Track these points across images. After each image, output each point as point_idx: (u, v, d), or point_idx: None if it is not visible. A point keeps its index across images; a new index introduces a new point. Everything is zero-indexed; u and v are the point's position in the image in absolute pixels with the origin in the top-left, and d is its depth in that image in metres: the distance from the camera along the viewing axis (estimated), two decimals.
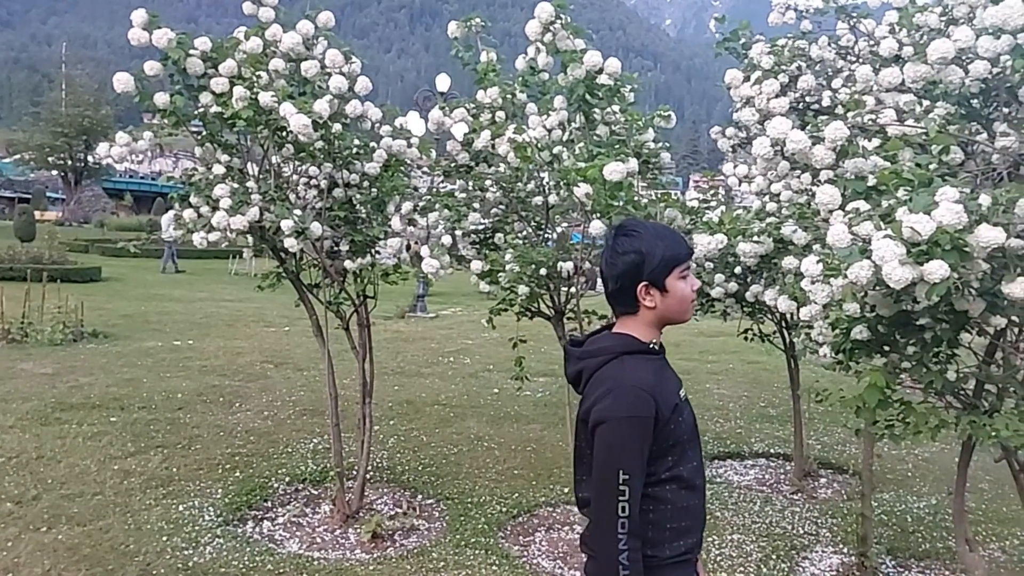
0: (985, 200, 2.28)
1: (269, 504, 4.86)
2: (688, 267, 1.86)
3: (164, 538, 4.24)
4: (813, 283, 2.60)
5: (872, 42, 3.77)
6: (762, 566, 4.26)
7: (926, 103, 3.20)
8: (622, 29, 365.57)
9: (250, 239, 4.11)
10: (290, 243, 3.81)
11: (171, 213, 4.17)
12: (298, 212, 3.86)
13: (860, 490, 4.62)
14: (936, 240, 2.14)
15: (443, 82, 13.33)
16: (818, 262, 2.55)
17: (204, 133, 4.00)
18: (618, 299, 1.86)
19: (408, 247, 4.37)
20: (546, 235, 4.44)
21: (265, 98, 3.58)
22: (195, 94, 3.80)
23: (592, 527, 1.77)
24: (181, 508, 4.65)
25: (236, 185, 3.89)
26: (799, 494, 5.45)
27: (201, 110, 3.82)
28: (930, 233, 2.14)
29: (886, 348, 3.06)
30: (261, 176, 4.06)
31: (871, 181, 2.73)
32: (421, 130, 4.40)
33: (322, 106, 3.61)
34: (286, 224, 3.73)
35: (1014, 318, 2.92)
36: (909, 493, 5.51)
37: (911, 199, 2.32)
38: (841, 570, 4.29)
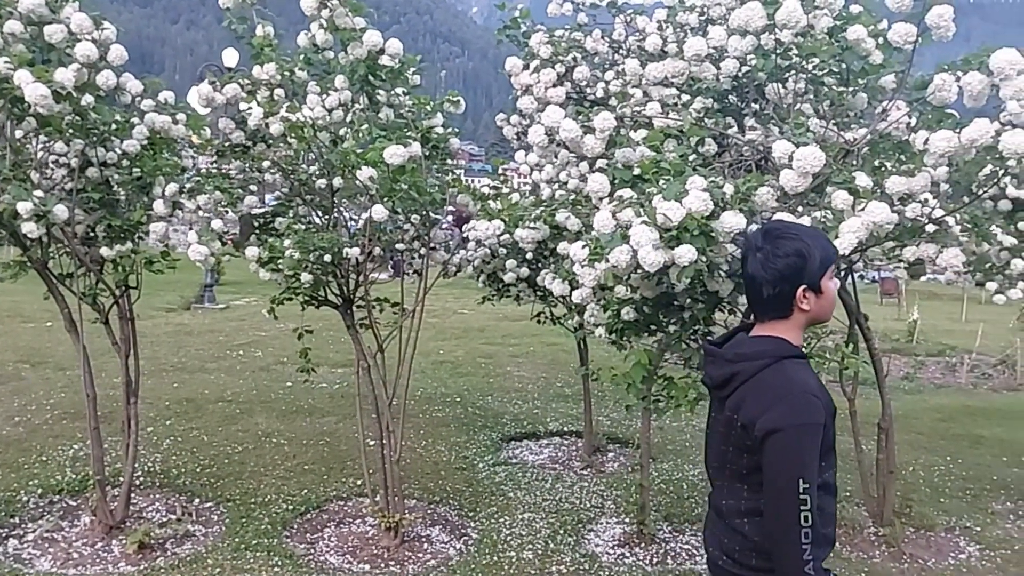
0: (729, 188, 2.45)
1: (17, 520, 4.31)
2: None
3: None
4: (581, 267, 2.68)
5: (641, 37, 3.97)
6: (550, 541, 4.40)
7: (687, 97, 3.41)
8: (429, 14, 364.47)
9: None
10: (29, 228, 3.37)
11: None
12: (39, 193, 3.42)
13: (640, 462, 4.89)
14: (685, 226, 2.27)
15: (231, 57, 12.60)
16: (584, 247, 2.63)
17: None
18: (773, 304, 1.78)
19: None
20: (336, 219, 4.27)
21: None
22: None
23: (772, 538, 1.69)
24: None
25: None
26: (588, 469, 5.70)
27: None
28: (680, 219, 2.26)
29: (653, 327, 3.24)
30: None
31: (637, 170, 2.86)
32: (207, 107, 4.07)
33: (65, 75, 3.21)
34: (23, 207, 3.30)
35: None
36: (686, 462, 5.92)
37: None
38: (623, 539, 4.52)
